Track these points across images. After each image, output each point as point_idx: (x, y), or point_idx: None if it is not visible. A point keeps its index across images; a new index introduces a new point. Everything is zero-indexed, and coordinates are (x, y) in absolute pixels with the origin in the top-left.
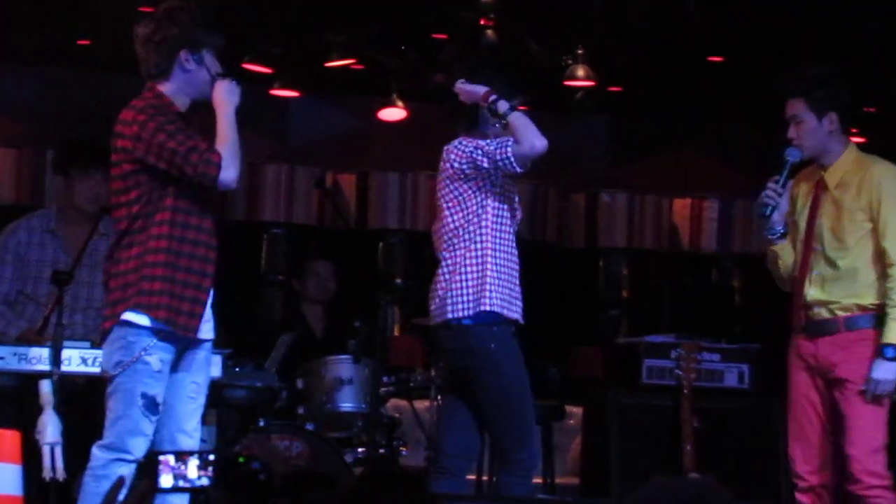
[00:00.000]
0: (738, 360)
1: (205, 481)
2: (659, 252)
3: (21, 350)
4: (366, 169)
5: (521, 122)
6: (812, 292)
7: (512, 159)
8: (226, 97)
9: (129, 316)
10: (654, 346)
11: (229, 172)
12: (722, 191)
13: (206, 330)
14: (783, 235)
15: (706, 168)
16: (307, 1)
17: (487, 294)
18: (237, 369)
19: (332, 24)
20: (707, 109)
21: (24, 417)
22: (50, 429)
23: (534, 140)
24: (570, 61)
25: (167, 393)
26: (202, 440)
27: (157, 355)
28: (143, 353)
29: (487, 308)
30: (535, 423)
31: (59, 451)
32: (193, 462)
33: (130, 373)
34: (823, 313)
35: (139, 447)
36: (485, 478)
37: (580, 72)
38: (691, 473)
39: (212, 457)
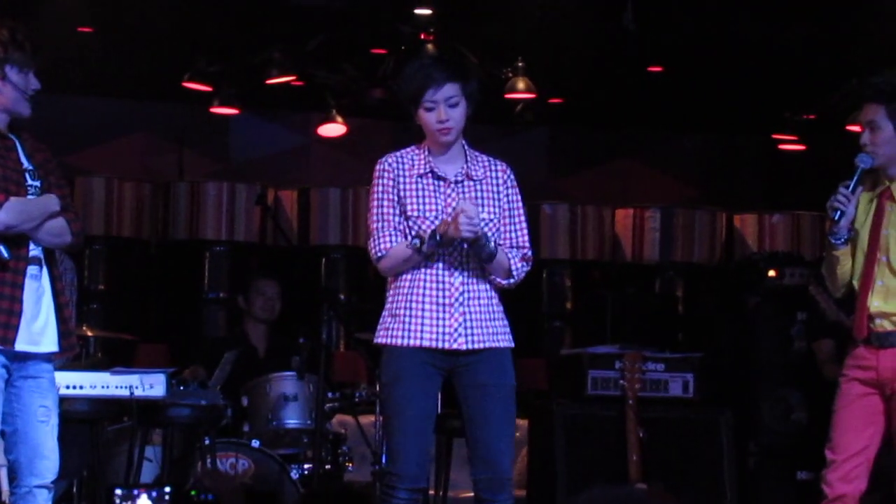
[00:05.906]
0: (683, 369)
1: None
2: (602, 263)
3: None
4: (306, 185)
5: None
6: (875, 303)
7: None
8: None
9: None
10: (598, 357)
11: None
12: (663, 200)
13: (47, 343)
14: (846, 241)
15: (647, 178)
16: (246, 18)
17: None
18: (181, 388)
19: (271, 40)
20: (647, 120)
21: None
22: None
23: None
24: (510, 74)
25: (20, 420)
26: (147, 459)
27: None
28: None
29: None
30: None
31: (3, 472)
32: (144, 498)
33: None
34: (886, 325)
35: None
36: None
37: (520, 84)
38: (638, 484)
39: (167, 489)
